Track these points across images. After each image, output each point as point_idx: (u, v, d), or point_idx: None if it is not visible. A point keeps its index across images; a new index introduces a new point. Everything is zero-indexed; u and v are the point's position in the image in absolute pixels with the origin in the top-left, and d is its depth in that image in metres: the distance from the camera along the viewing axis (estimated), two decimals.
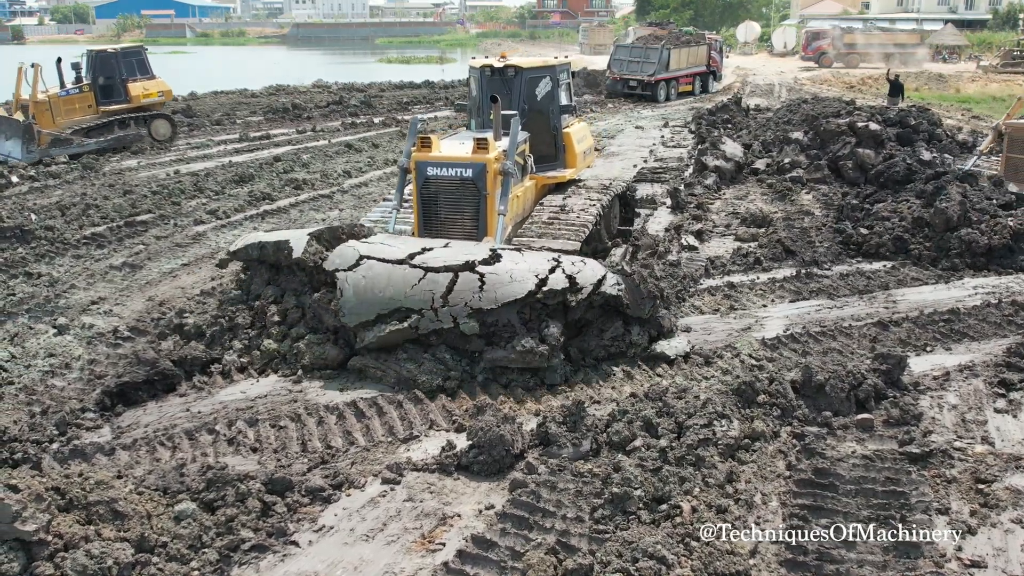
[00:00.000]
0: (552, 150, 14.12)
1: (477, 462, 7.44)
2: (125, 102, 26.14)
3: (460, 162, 11.73)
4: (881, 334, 10.40)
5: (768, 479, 7.28)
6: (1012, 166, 15.70)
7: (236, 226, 16.02)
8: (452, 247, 9.97)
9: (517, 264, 9.51)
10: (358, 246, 10.01)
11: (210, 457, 7.81)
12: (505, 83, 13.77)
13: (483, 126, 13.73)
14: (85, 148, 23.97)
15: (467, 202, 11.76)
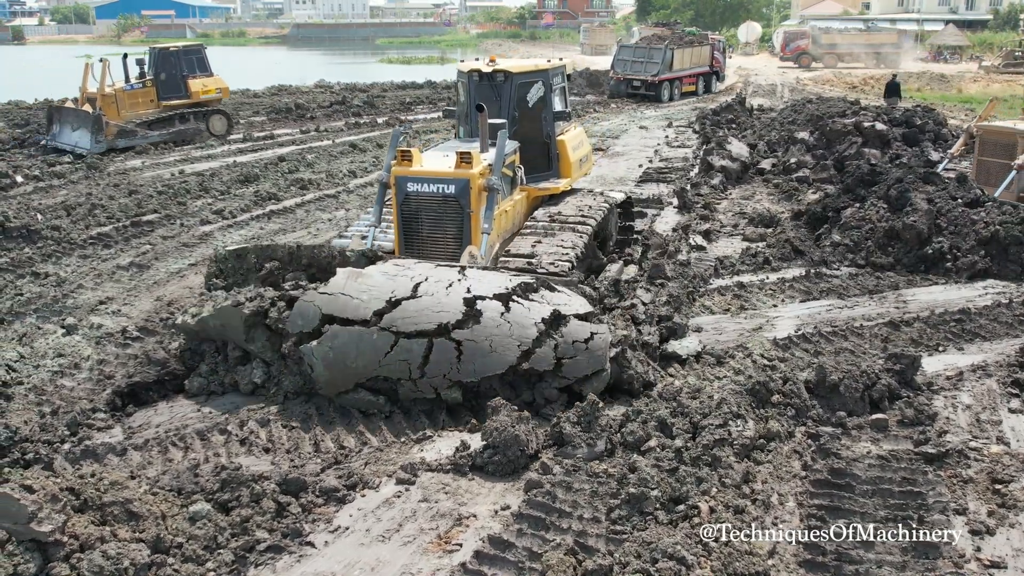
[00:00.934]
0: (545, 160, 13.25)
1: (492, 462, 7.41)
2: (185, 97, 27.34)
3: (442, 177, 10.90)
4: (893, 334, 10.38)
5: (784, 479, 7.26)
6: (983, 169, 15.33)
7: (243, 226, 15.99)
8: (422, 297, 8.58)
9: (499, 327, 8.40)
10: (318, 301, 8.81)
11: (223, 457, 7.78)
12: (494, 89, 12.85)
13: (471, 134, 12.82)
14: (148, 140, 25.44)
15: (450, 220, 10.92)
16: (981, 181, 14.58)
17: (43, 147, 25.06)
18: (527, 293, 8.82)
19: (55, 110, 25.89)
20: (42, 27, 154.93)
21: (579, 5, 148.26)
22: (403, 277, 8.89)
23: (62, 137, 25.03)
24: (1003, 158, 14.61)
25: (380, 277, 8.95)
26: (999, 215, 12.86)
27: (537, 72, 13.04)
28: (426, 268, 9.19)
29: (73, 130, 24.72)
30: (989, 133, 15.43)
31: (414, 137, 27.62)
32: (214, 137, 27.44)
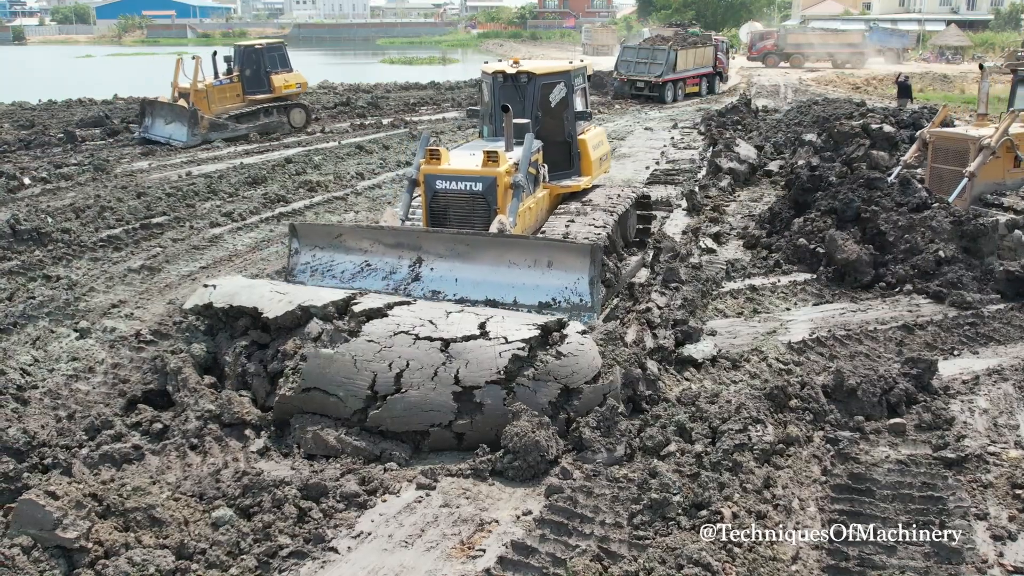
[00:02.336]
0: (567, 158, 13.60)
1: (512, 467, 7.42)
2: (268, 92, 29.05)
3: (470, 175, 11.46)
4: (907, 337, 10.38)
5: (804, 484, 7.26)
6: (937, 176, 14.94)
7: (252, 228, 16.00)
8: (408, 392, 8.02)
9: (504, 415, 7.89)
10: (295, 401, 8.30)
11: (241, 462, 7.78)
12: (518, 89, 13.21)
13: (495, 133, 13.39)
14: (237, 132, 27.22)
15: (477, 216, 11.44)
16: (935, 188, 14.24)
17: (136, 138, 27.15)
18: (529, 368, 8.03)
19: (148, 104, 27.62)
20: (42, 27, 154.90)
21: (580, 5, 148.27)
22: (381, 363, 8.10)
23: (155, 130, 26.97)
24: (955, 165, 14.37)
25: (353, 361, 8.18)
26: (946, 217, 12.65)
27: (559, 73, 13.37)
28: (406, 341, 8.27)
29: (167, 123, 26.63)
30: (942, 140, 15.16)
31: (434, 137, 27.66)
32: (294, 129, 29.26)
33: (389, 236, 11.09)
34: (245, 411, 8.46)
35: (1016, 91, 15.98)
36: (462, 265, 10.67)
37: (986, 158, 13.81)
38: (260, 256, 14.22)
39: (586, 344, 8.26)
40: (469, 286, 10.58)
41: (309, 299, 8.91)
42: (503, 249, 10.47)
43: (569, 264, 10.17)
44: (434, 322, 8.34)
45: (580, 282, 10.09)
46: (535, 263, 10.34)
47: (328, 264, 11.24)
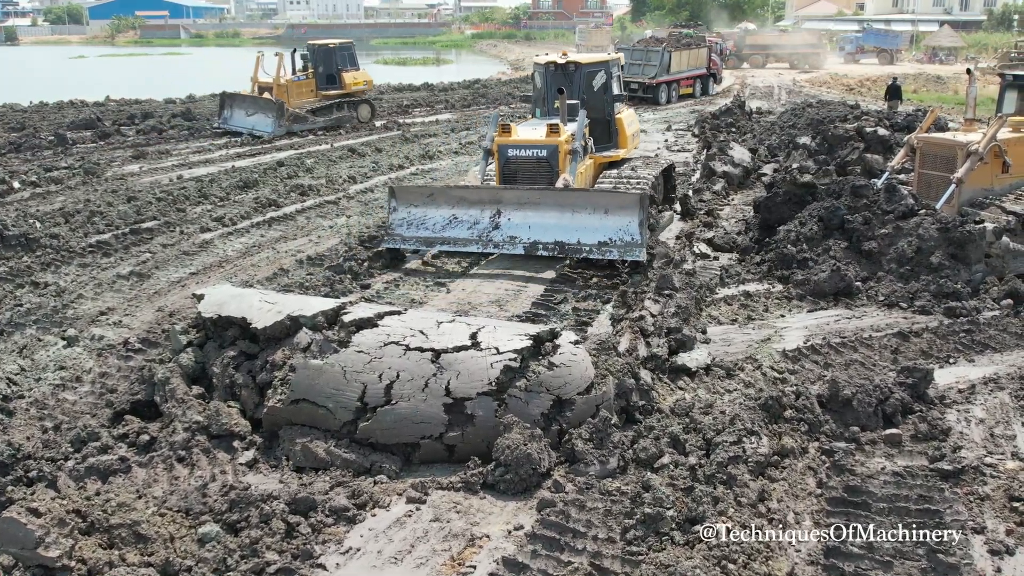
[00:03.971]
0: (607, 133, 16.75)
1: (503, 481, 7.31)
2: (340, 88, 31.50)
3: (536, 144, 14.49)
4: (902, 345, 10.30)
5: (800, 497, 7.18)
6: (925, 182, 14.61)
7: (243, 233, 15.86)
8: (398, 404, 7.91)
9: (495, 427, 7.74)
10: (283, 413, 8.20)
11: (229, 475, 7.67)
12: (567, 76, 16.41)
13: (547, 114, 16.45)
14: (315, 125, 29.62)
15: (542, 176, 14.31)
16: (923, 194, 14.04)
17: (215, 130, 29.42)
18: (521, 379, 7.90)
19: (228, 97, 29.92)
20: (35, 28, 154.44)
21: (574, 6, 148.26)
22: (371, 373, 7.99)
23: (234, 121, 29.23)
24: (943, 171, 14.09)
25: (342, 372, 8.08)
26: (932, 224, 12.44)
27: (601, 63, 16.94)
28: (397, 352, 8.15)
29: (248, 115, 28.94)
30: (929, 145, 14.83)
31: (415, 139, 27.57)
32: (361, 124, 31.51)
33: (473, 193, 13.89)
34: (233, 423, 8.33)
35: (1004, 95, 15.74)
36: (534, 214, 13.36)
37: (974, 164, 13.58)
38: (250, 262, 14.07)
39: (579, 354, 8.17)
40: (540, 231, 13.26)
41: (298, 308, 8.79)
42: (568, 200, 13.25)
43: (622, 210, 12.77)
44: (425, 332, 8.24)
45: (631, 224, 12.67)
46: (594, 210, 12.97)
47: (421, 218, 13.85)
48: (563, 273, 13.20)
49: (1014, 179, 14.17)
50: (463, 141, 27.35)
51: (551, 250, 13.20)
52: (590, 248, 12.86)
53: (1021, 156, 14.16)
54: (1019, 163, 14.08)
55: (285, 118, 28.44)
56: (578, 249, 12.97)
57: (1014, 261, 12.59)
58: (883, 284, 12.11)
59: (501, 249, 13.56)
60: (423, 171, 22.20)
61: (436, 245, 13.73)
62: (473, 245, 13.62)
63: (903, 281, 12.06)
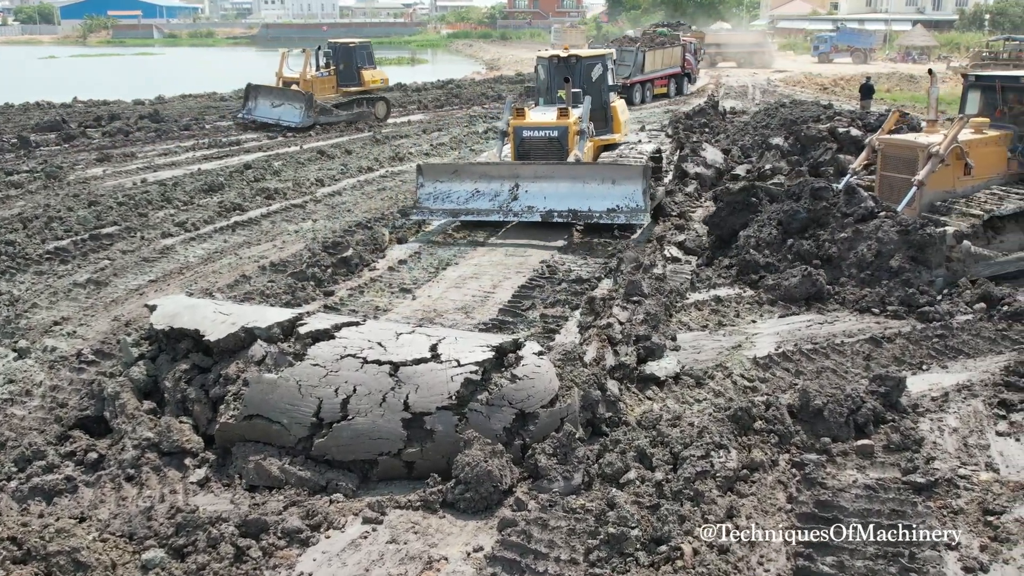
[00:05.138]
0: (604, 119, 18.63)
1: (463, 499, 7.04)
2: (359, 85, 33.19)
3: (548, 126, 16.74)
4: (875, 351, 10.12)
5: (769, 513, 6.95)
6: (887, 185, 14.38)
7: (206, 239, 15.48)
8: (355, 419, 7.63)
9: (456, 443, 7.46)
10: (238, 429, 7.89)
11: (179, 495, 7.36)
12: (568, 68, 18.45)
13: (550, 103, 18.46)
14: (338, 118, 31.01)
15: (553, 154, 16.47)
16: (885, 197, 13.84)
17: (238, 120, 31.01)
18: (483, 392, 7.61)
19: (253, 88, 31.33)
20: (5, 27, 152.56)
21: (550, 5, 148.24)
22: (327, 388, 7.71)
23: (259, 112, 30.73)
24: (905, 173, 13.83)
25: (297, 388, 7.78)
26: (892, 227, 12.25)
27: (598, 56, 19.10)
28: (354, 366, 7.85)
29: (274, 106, 30.42)
30: (891, 147, 14.54)
31: (386, 141, 27.25)
32: (378, 120, 32.79)
33: (493, 169, 15.80)
34: (185, 439, 8.02)
35: (967, 96, 15.44)
36: (549, 186, 15.21)
37: (935, 166, 13.31)
38: (212, 269, 13.71)
39: (543, 366, 7.92)
40: (555, 200, 15.09)
41: (253, 320, 8.49)
42: (579, 172, 15.28)
43: (628, 179, 14.72)
44: (383, 344, 7.96)
45: (636, 192, 14.57)
46: (603, 181, 14.89)
47: (447, 192, 15.62)
48: (572, 241, 14.84)
49: (976, 181, 13.93)
50: (435, 143, 27.04)
51: (565, 217, 15.03)
52: (600, 214, 14.72)
53: (983, 158, 13.94)
54: (981, 165, 13.87)
55: (313, 109, 29.69)
56: (589, 215, 14.81)
57: (975, 265, 12.36)
58: (847, 289, 11.93)
59: (520, 217, 15.38)
60: (392, 173, 21.88)
61: (461, 216, 15.55)
62: (495, 215, 15.45)
63: (864, 286, 11.87)
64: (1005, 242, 13.23)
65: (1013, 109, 14.46)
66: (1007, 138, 14.28)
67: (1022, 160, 14.15)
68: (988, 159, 14.05)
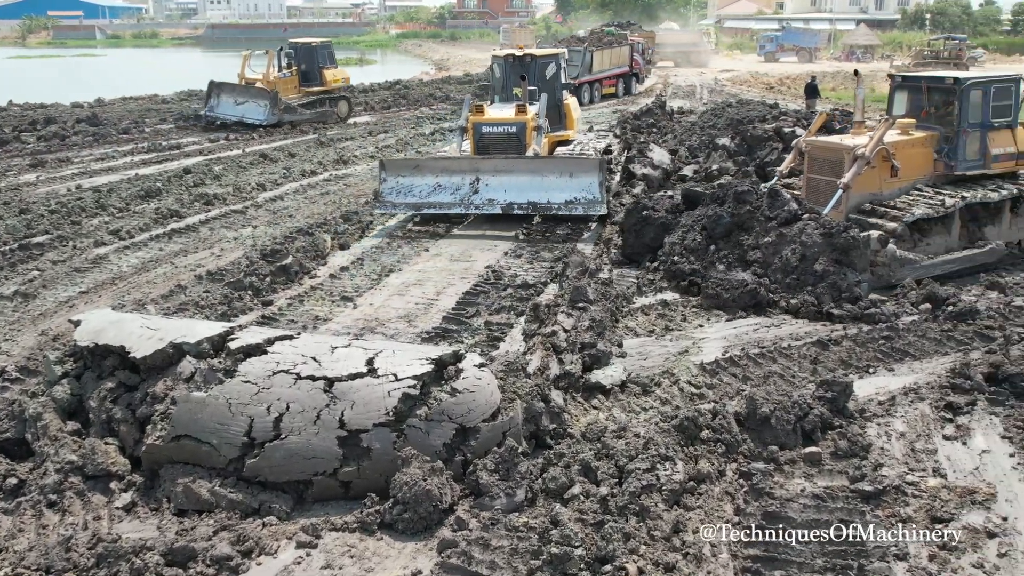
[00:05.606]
0: (557, 116, 19.54)
1: (402, 520, 6.78)
2: (320, 84, 33.30)
3: (507, 121, 17.52)
4: (822, 354, 10.03)
5: (716, 526, 6.78)
6: (813, 187, 14.07)
7: (140, 247, 14.94)
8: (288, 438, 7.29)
9: (394, 460, 7.18)
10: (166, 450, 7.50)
11: (104, 522, 6.99)
12: (523, 67, 19.34)
13: (505, 100, 19.38)
14: (302, 117, 31.18)
15: (512, 148, 17.16)
16: (811, 200, 13.56)
17: (201, 118, 30.96)
18: (422, 407, 7.35)
19: (216, 86, 31.16)
20: None
21: (499, 5, 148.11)
22: (259, 406, 7.36)
23: (221, 109, 30.66)
24: (831, 175, 13.51)
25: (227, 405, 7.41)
26: (816, 230, 11.99)
27: (552, 55, 20.26)
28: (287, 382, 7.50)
29: (237, 104, 30.39)
30: (817, 149, 14.23)
31: (331, 143, 26.81)
32: (340, 119, 33.00)
33: (454, 164, 16.41)
34: (111, 462, 7.64)
35: (894, 97, 15.23)
36: (509, 179, 15.88)
37: (860, 168, 13.08)
38: (146, 279, 13.21)
39: (484, 378, 7.68)
40: (515, 192, 15.75)
41: (182, 335, 8.12)
42: (538, 166, 16.06)
43: (585, 172, 15.59)
44: (317, 359, 7.65)
45: (593, 184, 15.44)
46: (561, 174, 15.68)
47: (409, 186, 16.12)
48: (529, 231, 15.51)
49: (903, 183, 13.73)
50: (380, 145, 26.62)
51: (525, 209, 15.68)
52: (559, 206, 15.49)
53: (910, 159, 13.74)
54: (908, 166, 13.67)
55: (278, 107, 29.80)
56: (548, 207, 15.53)
57: (901, 269, 12.26)
58: (780, 295, 11.69)
59: (481, 210, 15.93)
60: (337, 177, 21.46)
61: (423, 209, 16.01)
62: (456, 208, 15.99)
63: (789, 292, 11.65)
64: (931, 244, 13.19)
65: (939, 110, 14.31)
66: (933, 139, 14.08)
67: (948, 161, 13.98)
68: (915, 160, 13.85)
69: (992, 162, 14.07)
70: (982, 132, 13.93)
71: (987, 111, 13.89)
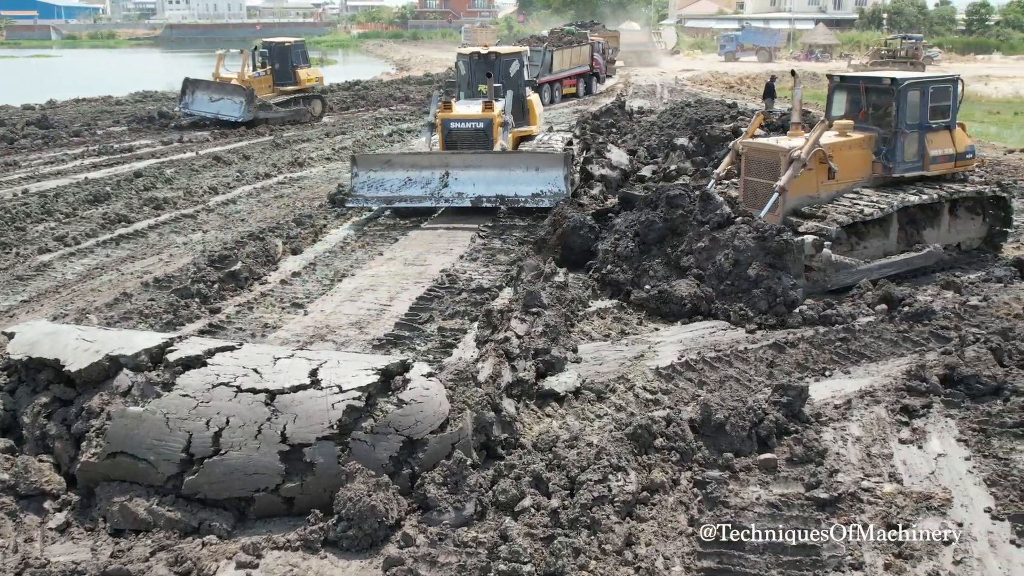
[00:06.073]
0: (521, 112, 20.35)
1: (346, 537, 6.55)
2: (294, 84, 33.51)
3: (475, 118, 18.40)
4: (778, 357, 9.93)
5: (670, 538, 6.63)
6: (750, 190, 13.68)
7: (86, 254, 14.52)
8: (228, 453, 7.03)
9: (338, 475, 6.96)
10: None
11: (36, 543, 6.69)
12: (488, 64, 20.30)
13: (470, 96, 20.21)
14: (277, 115, 31.52)
15: (479, 144, 17.99)
16: (749, 203, 13.19)
17: (177, 115, 31.47)
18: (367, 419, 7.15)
19: (191, 83, 31.57)
20: None
21: (461, 5, 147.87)
22: (197, 420, 7.09)
23: (196, 106, 31.13)
24: (768, 178, 13.08)
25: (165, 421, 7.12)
26: (748, 233, 11.69)
27: (515, 53, 21.17)
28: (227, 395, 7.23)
29: (212, 101, 30.80)
30: (753, 151, 13.82)
31: (287, 145, 26.44)
32: (313, 118, 33.42)
33: (424, 159, 17.17)
34: (45, 480, 7.34)
35: (833, 98, 14.68)
36: (477, 173, 16.62)
37: (796, 171, 12.54)
38: (91, 287, 12.81)
39: (432, 388, 7.47)
40: (483, 186, 16.54)
41: (119, 347, 7.82)
42: (506, 161, 16.96)
43: (551, 167, 16.52)
44: (259, 371, 7.40)
45: (558, 178, 16.38)
46: (527, 168, 16.54)
47: (380, 181, 16.78)
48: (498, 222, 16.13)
49: (841, 185, 13.32)
50: (337, 147, 26.25)
51: (493, 202, 16.46)
52: (526, 199, 16.30)
53: (847, 161, 13.36)
54: (845, 168, 13.28)
55: (253, 104, 30.18)
56: (515, 200, 16.33)
57: (837, 274, 11.99)
58: (717, 308, 11.36)
59: (452, 203, 16.66)
60: (291, 179, 21.11)
61: (395, 203, 16.62)
62: (427, 201, 16.69)
63: (725, 299, 11.37)
64: (869, 248, 12.95)
65: (877, 111, 13.97)
66: (871, 140, 13.71)
67: (886, 163, 13.62)
68: (852, 162, 13.51)
69: (930, 164, 13.75)
70: (920, 133, 13.59)
71: (925, 112, 13.56)
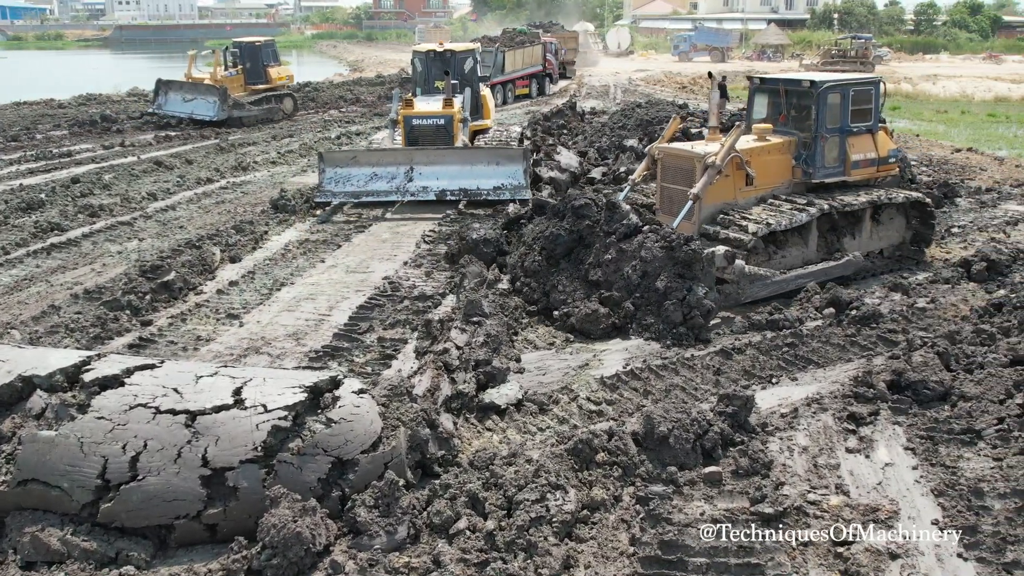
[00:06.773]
0: (475, 107, 21.49)
1: (271, 566, 6.20)
2: (266, 82, 33.80)
3: (435, 114, 19.39)
4: (724, 364, 9.75)
5: (610, 559, 6.38)
6: (667, 197, 13.24)
7: (15, 264, 13.89)
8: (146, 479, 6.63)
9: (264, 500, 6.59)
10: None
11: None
12: (444, 62, 21.59)
13: (427, 92, 21.57)
14: (250, 113, 31.77)
15: (441, 139, 19.02)
16: (665, 210, 12.89)
17: (151, 115, 31.59)
18: (294, 440, 6.77)
19: (163, 84, 32.00)
20: None
21: (416, 5, 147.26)
22: (113, 444, 6.68)
23: (170, 107, 31.46)
24: (684, 184, 12.64)
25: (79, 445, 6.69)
26: (656, 243, 11.21)
27: (470, 50, 22.58)
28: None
29: (186, 101, 31.16)
30: (668, 157, 13.31)
31: (231, 149, 25.88)
32: (285, 116, 33.84)
33: (389, 155, 18.02)
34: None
35: (754, 100, 14.27)
36: (441, 168, 17.64)
37: (711, 178, 12.18)
38: (17, 299, 12.24)
39: (363, 405, 7.15)
40: (447, 179, 17.55)
41: (32, 367, 7.40)
42: (468, 156, 17.92)
43: (511, 161, 17.60)
44: (180, 391, 7.02)
45: (518, 172, 17.48)
46: (489, 162, 17.58)
47: (347, 176, 17.67)
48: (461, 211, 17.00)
49: (759, 191, 12.97)
50: (283, 150, 25.69)
51: (457, 195, 17.43)
52: (488, 192, 17.34)
53: (766, 166, 13.02)
54: (764, 174, 12.95)
55: (227, 103, 30.44)
56: (478, 193, 17.36)
57: (751, 286, 11.55)
58: (635, 320, 10.91)
59: (417, 196, 17.53)
60: (234, 184, 20.56)
61: (362, 197, 17.41)
62: (393, 195, 17.58)
63: (637, 311, 10.90)
64: (788, 257, 12.60)
65: (798, 114, 13.55)
66: (791, 145, 13.31)
67: (807, 168, 13.25)
68: (771, 168, 13.10)
69: (852, 169, 13.42)
70: (841, 138, 13.23)
71: (846, 115, 13.17)
